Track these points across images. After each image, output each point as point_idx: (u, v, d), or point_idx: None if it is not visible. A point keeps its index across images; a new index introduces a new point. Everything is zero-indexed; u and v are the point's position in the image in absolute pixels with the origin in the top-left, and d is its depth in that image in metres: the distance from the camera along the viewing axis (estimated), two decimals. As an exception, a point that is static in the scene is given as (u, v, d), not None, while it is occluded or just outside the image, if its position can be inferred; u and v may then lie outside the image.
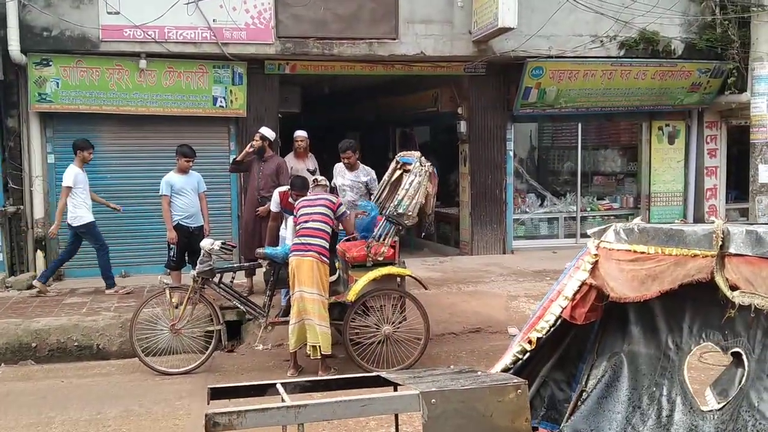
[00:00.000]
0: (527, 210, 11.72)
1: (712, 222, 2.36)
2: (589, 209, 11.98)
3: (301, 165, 9.38)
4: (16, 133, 9.48)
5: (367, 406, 1.81)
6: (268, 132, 8.65)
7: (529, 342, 2.60)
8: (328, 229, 6.51)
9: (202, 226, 8.28)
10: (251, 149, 8.50)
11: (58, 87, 9.23)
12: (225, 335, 7.01)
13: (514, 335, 8.10)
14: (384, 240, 6.78)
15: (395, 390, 2.27)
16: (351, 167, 8.03)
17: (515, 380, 2.03)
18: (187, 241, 8.15)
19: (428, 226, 7.43)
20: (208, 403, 2.18)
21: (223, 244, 6.88)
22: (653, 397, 2.47)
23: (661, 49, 11.04)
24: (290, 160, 9.39)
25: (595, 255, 2.68)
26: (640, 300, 2.42)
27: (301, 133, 9.33)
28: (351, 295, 6.59)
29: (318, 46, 9.88)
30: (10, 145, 9.45)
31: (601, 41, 10.72)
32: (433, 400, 1.84)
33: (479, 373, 2.44)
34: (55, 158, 9.64)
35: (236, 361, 7.25)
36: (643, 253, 2.50)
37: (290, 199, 7.18)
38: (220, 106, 9.83)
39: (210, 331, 7.00)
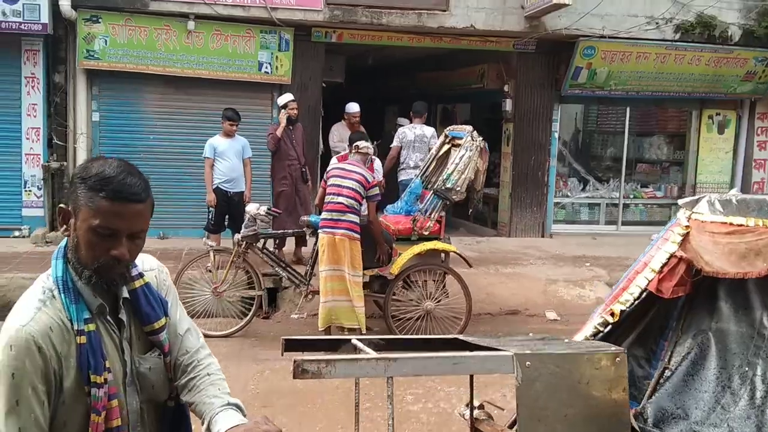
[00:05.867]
0: (568, 194, 11.50)
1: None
2: (632, 196, 11.72)
3: None
4: (63, 89, 9.48)
5: (459, 363, 1.73)
6: (291, 97, 8.51)
7: (612, 314, 2.48)
8: (358, 206, 6.24)
9: (243, 192, 8.21)
10: (285, 121, 8.30)
11: (106, 44, 9.21)
12: (266, 301, 6.99)
13: (553, 319, 8.07)
14: (430, 214, 6.68)
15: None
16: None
17: (613, 348, 1.92)
18: (227, 206, 8.11)
19: (476, 202, 7.28)
20: (282, 354, 2.12)
21: (268, 209, 6.82)
22: (745, 377, 2.34)
23: (718, 34, 10.68)
24: (340, 129, 9.31)
25: (686, 227, 2.54)
26: (744, 277, 2.28)
27: (356, 109, 9.15)
28: (394, 268, 6.52)
29: (367, 15, 9.71)
30: (56, 100, 9.47)
31: (657, 23, 10.40)
32: (528, 363, 1.74)
33: (566, 340, 2.34)
34: (100, 116, 9.65)
35: (271, 328, 7.23)
36: (741, 225, 2.36)
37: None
38: (265, 71, 9.73)
39: (249, 297, 6.99)
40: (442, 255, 6.84)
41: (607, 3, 9.94)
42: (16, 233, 9.44)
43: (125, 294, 1.77)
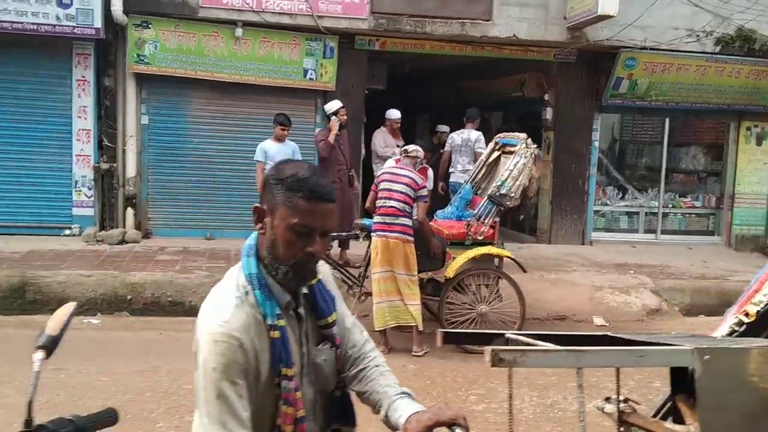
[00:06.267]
0: (607, 202, 11.56)
1: None
2: (670, 206, 11.76)
3: (396, 140, 9.59)
4: (112, 92, 9.69)
5: (643, 357, 1.81)
6: (341, 103, 8.72)
7: (746, 314, 2.53)
8: (410, 210, 6.33)
9: (294, 194, 8.33)
10: (336, 127, 8.47)
11: (156, 49, 9.40)
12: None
13: (601, 325, 8.12)
14: (484, 220, 6.77)
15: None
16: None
17: (784, 343, 1.98)
18: (278, 209, 8.23)
19: (528, 209, 7.36)
20: (441, 345, 2.24)
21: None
22: None
23: (758, 47, 10.72)
24: (383, 135, 9.59)
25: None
26: None
27: (398, 115, 9.58)
28: (449, 272, 6.61)
29: (411, 24, 9.85)
30: (106, 104, 9.67)
31: (698, 36, 10.47)
32: (707, 357, 1.81)
33: (718, 337, 2.40)
34: (149, 119, 9.84)
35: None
36: None
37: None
38: (310, 78, 9.89)
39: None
40: (496, 260, 6.93)
41: (648, 15, 10.02)
42: (67, 232, 9.64)
43: (304, 290, 1.85)
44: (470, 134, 9.35)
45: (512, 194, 6.65)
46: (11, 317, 7.24)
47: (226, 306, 1.73)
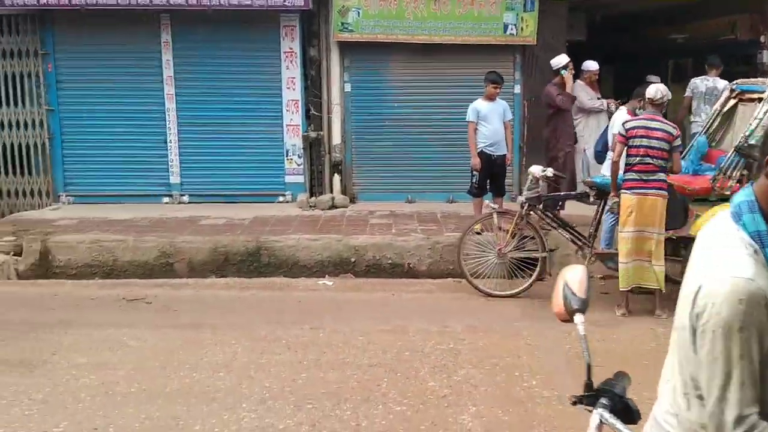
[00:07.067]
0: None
1: None
2: None
3: (595, 93, 9.32)
4: (317, 62, 10.02)
5: None
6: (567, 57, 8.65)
7: None
8: (665, 164, 6.10)
9: (505, 155, 8.28)
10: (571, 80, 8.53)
11: (359, 16, 9.59)
12: (549, 262, 7.03)
13: None
14: (731, 173, 6.33)
15: None
16: None
17: None
18: (490, 169, 8.22)
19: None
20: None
21: (555, 173, 6.84)
22: None
23: None
24: (582, 88, 9.30)
25: None
26: None
27: (595, 67, 9.36)
28: (695, 230, 6.26)
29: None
30: (311, 73, 10.03)
31: None
32: None
33: None
34: (351, 87, 10.11)
35: (552, 290, 7.23)
36: None
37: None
38: (511, 33, 9.67)
39: (531, 258, 7.07)
40: (742, 216, 6.49)
41: None
42: (281, 198, 10.21)
43: None
44: (716, 82, 8.92)
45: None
46: (253, 279, 7.82)
47: (745, 263, 1.63)
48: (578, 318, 1.79)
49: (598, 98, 9.52)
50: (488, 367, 5.20)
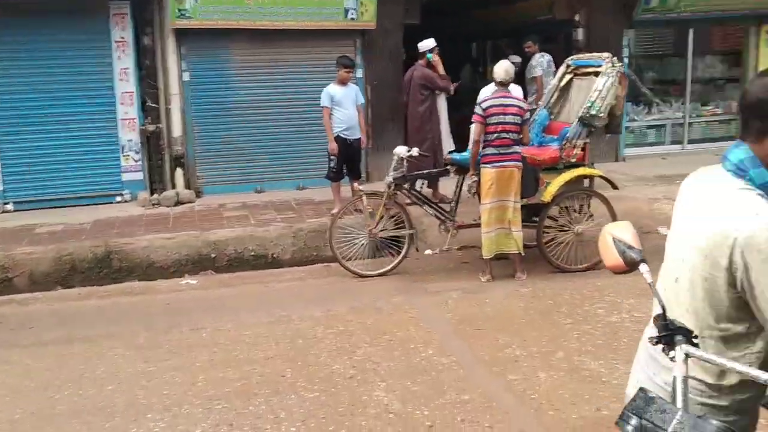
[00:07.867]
0: (635, 117, 11.83)
1: None
2: (694, 115, 12.09)
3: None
4: (152, 51, 9.44)
5: None
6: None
7: None
8: (518, 137, 6.55)
9: (359, 138, 8.39)
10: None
11: (196, 2, 9.14)
12: (417, 239, 7.26)
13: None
14: (575, 142, 6.94)
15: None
16: None
17: None
18: (346, 153, 8.30)
19: (616, 126, 7.51)
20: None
21: (420, 152, 7.07)
22: None
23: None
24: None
25: None
26: None
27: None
28: (546, 196, 6.81)
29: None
30: (146, 63, 9.44)
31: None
32: None
33: None
34: (191, 75, 9.66)
35: (417, 264, 7.47)
36: None
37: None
38: (351, 18, 9.75)
39: (399, 236, 7.27)
40: (585, 180, 7.16)
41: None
42: (118, 198, 9.53)
43: None
44: (543, 57, 10.08)
45: (601, 114, 6.82)
46: (107, 286, 7.26)
47: (763, 203, 1.79)
48: (644, 267, 1.90)
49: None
50: (384, 344, 5.30)
